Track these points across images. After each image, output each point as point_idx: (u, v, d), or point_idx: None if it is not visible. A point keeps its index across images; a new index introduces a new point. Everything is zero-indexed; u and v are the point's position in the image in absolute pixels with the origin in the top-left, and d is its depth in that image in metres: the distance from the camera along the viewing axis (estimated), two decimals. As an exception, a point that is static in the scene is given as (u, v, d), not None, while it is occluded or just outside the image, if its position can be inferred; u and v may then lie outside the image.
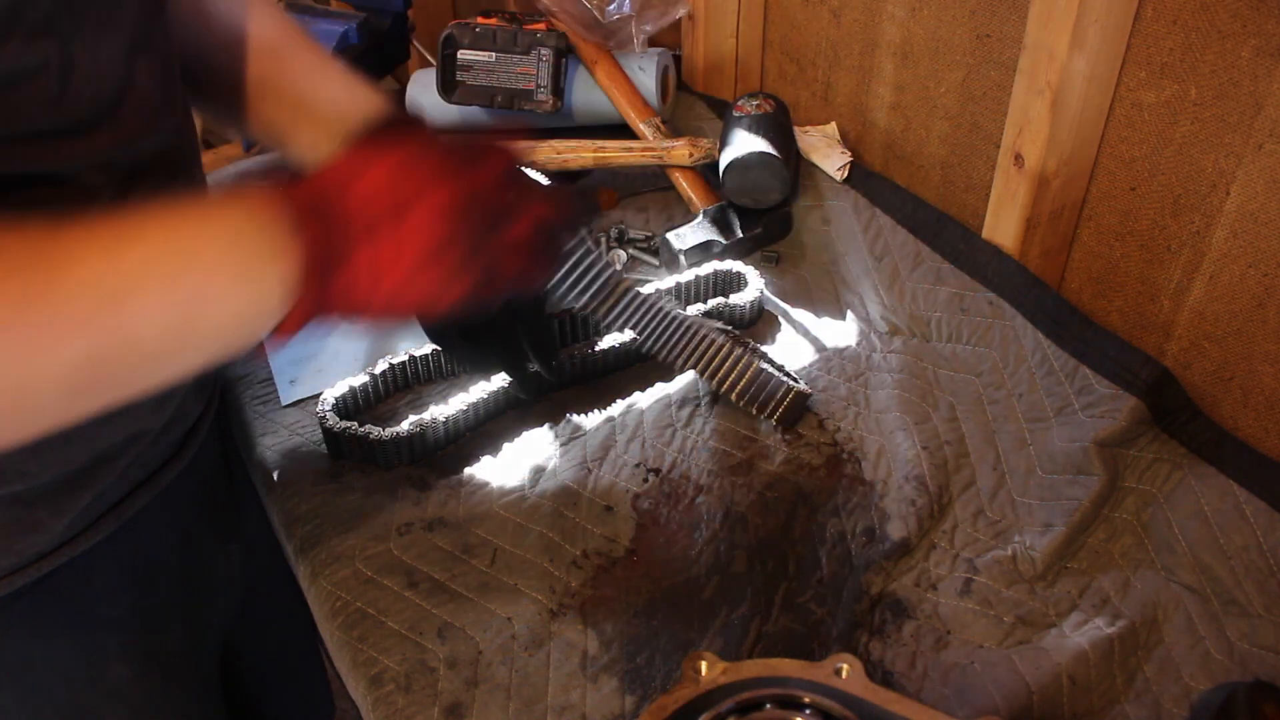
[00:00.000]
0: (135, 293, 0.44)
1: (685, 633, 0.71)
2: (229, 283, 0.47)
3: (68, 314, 0.42)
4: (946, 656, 0.69)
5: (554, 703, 0.67)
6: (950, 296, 0.94)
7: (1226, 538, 0.73)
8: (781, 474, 0.82)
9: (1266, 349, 0.79)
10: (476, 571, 0.75)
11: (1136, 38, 0.82)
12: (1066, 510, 0.76)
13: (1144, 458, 0.79)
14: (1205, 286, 0.83)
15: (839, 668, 0.57)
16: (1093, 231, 0.92)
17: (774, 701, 0.57)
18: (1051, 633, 0.70)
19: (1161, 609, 0.70)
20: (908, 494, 0.79)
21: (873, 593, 0.73)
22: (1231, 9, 0.74)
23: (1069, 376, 0.84)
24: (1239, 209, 0.78)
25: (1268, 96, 0.73)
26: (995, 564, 0.74)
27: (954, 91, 1.02)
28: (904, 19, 1.05)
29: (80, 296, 0.42)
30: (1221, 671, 0.66)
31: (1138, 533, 0.76)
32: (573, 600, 0.73)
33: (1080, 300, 0.93)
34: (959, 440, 0.84)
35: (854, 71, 1.15)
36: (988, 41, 0.96)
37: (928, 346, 0.92)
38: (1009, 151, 0.90)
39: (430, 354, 0.90)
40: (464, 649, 0.70)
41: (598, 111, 1.24)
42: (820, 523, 0.78)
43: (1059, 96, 0.83)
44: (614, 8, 1.19)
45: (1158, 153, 0.83)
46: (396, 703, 0.67)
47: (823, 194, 1.10)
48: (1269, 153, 0.75)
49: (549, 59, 1.17)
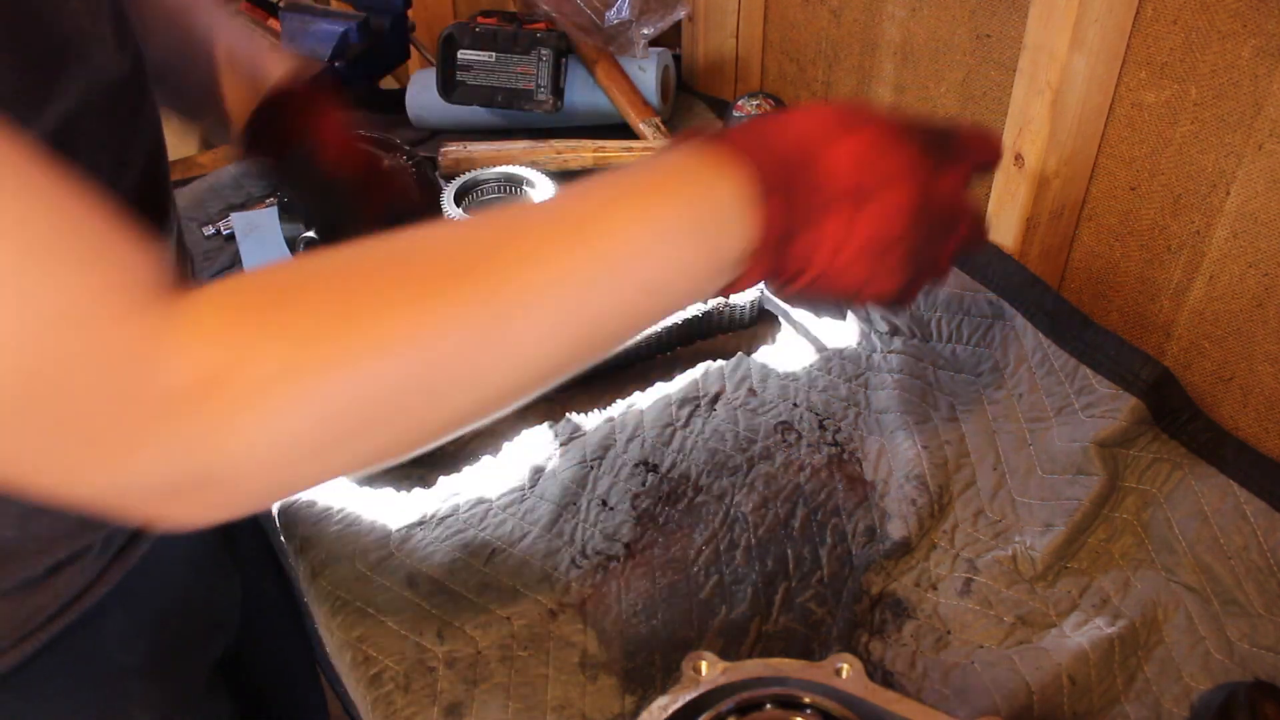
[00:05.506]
0: (599, 283, 0.42)
1: (685, 633, 0.71)
2: (693, 258, 0.45)
3: (541, 311, 0.41)
4: (946, 656, 0.69)
5: (553, 702, 0.67)
6: (950, 296, 0.94)
7: (1226, 538, 0.73)
8: (781, 474, 0.82)
9: (1266, 349, 0.79)
10: (476, 571, 0.75)
11: (1136, 38, 0.82)
12: (1066, 510, 0.76)
13: (1144, 458, 0.79)
14: (1205, 286, 0.83)
15: (839, 668, 0.57)
16: (1093, 231, 0.92)
17: (774, 701, 0.57)
18: (1051, 633, 0.70)
19: (1161, 609, 0.70)
20: (908, 493, 0.79)
21: (873, 593, 0.73)
22: (1231, 9, 0.74)
23: (1069, 376, 0.84)
24: (1239, 209, 0.78)
25: (1268, 96, 0.73)
26: (995, 564, 0.74)
27: (954, 91, 1.02)
28: (904, 19, 1.05)
29: (553, 290, 0.41)
30: (1221, 671, 0.66)
31: (1138, 533, 0.76)
32: (572, 600, 0.73)
33: (1080, 300, 0.93)
34: (959, 440, 0.83)
35: (854, 71, 1.15)
36: (988, 41, 0.96)
37: (928, 346, 0.92)
38: (1009, 151, 0.90)
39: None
40: (463, 649, 0.70)
41: (598, 111, 1.24)
42: (820, 523, 0.78)
43: (1059, 96, 0.83)
44: (613, 12, 1.19)
45: (1158, 153, 0.83)
46: (396, 702, 0.67)
47: (823, 194, 1.10)
48: (1269, 153, 0.75)
49: (549, 59, 1.17)
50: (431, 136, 1.29)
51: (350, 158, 0.78)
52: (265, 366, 0.37)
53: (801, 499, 0.80)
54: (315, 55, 1.26)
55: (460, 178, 0.98)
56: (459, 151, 1.15)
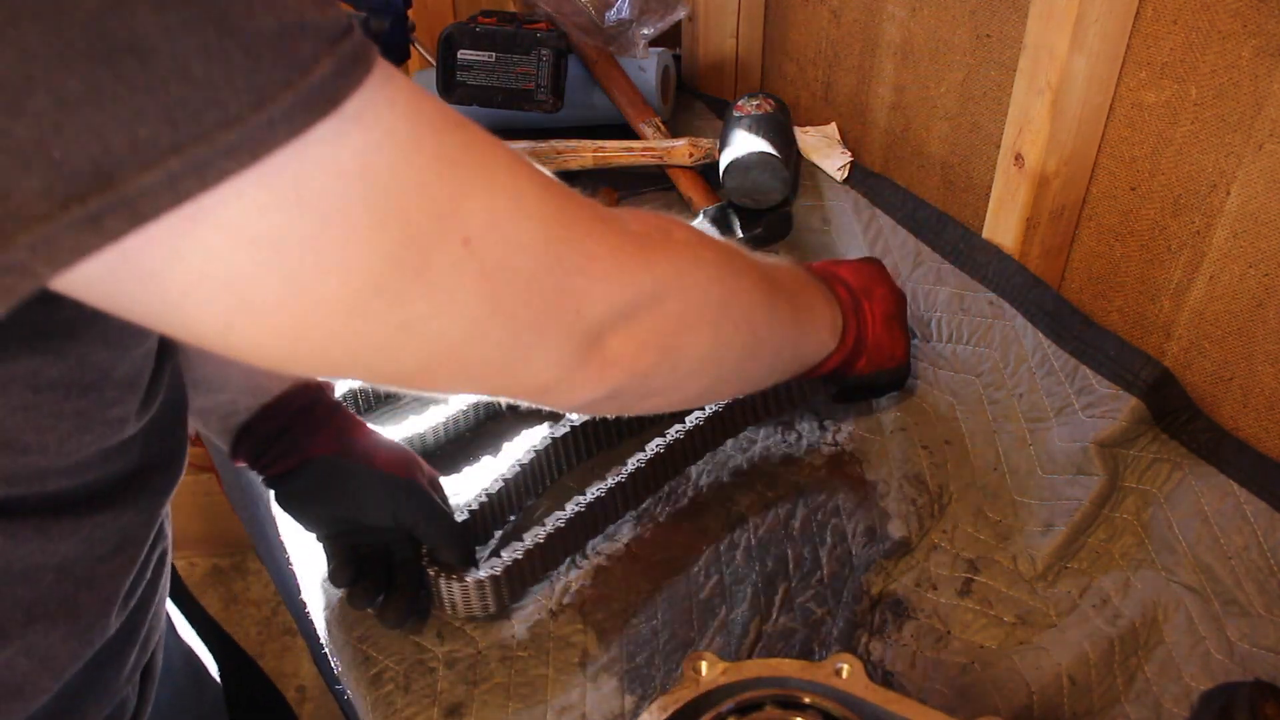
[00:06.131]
0: (807, 325, 0.70)
1: (685, 633, 0.71)
2: (826, 333, 0.73)
3: (791, 328, 0.68)
4: (946, 656, 0.69)
5: (554, 703, 0.67)
6: (950, 296, 0.94)
7: (1226, 538, 0.73)
8: (781, 474, 0.82)
9: (1266, 349, 0.79)
10: (476, 571, 0.75)
11: (1136, 38, 0.82)
12: (1066, 510, 0.76)
13: (1144, 458, 0.79)
14: (1205, 286, 0.83)
15: (839, 668, 0.57)
16: (1093, 231, 0.92)
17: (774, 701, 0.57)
18: (1051, 633, 0.70)
19: (1161, 609, 0.70)
20: (908, 493, 0.79)
21: (873, 593, 0.73)
22: (1231, 9, 0.74)
23: (1069, 376, 0.84)
24: (1239, 209, 0.78)
25: (1268, 96, 0.73)
26: (995, 564, 0.74)
27: (954, 91, 1.02)
28: (904, 19, 1.05)
29: (795, 320, 0.68)
30: (1221, 671, 0.66)
31: (1138, 533, 0.76)
32: (572, 600, 0.73)
33: (1080, 300, 0.93)
34: (959, 440, 0.83)
35: (854, 71, 1.15)
36: (988, 41, 0.96)
37: (928, 346, 0.92)
38: (1009, 151, 0.90)
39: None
40: (463, 649, 0.70)
41: (598, 112, 1.24)
42: (820, 523, 0.78)
43: (1059, 96, 0.83)
44: (613, 12, 1.19)
45: (1158, 153, 0.83)
46: (396, 703, 0.67)
47: (823, 194, 1.10)
48: (1269, 153, 0.75)
49: (549, 59, 1.17)
50: (431, 136, 1.29)
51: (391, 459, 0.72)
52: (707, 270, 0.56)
53: (801, 499, 0.80)
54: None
55: (460, 178, 0.98)
56: (459, 151, 1.15)
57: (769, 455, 0.83)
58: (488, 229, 0.41)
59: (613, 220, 0.50)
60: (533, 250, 0.43)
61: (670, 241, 0.53)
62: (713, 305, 0.56)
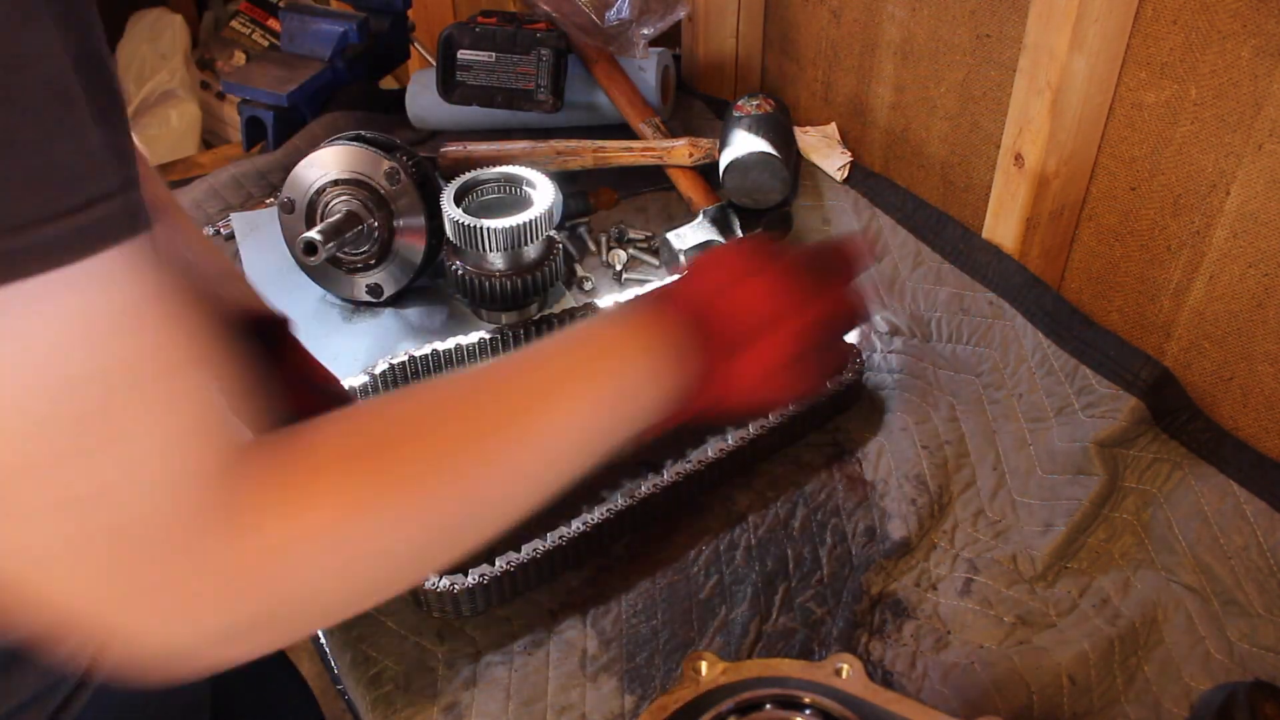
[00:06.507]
0: (569, 431, 0.52)
1: (685, 633, 0.71)
2: (630, 408, 0.53)
3: (528, 461, 0.52)
4: (946, 656, 0.69)
5: (554, 702, 0.67)
6: (950, 296, 0.94)
7: (1226, 538, 0.73)
8: (781, 474, 0.82)
9: (1266, 349, 0.79)
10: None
11: (1136, 38, 0.82)
12: (1066, 510, 0.76)
13: (1144, 458, 0.79)
14: (1205, 286, 0.83)
15: (839, 668, 0.57)
16: (1093, 231, 0.92)
17: (774, 701, 0.57)
18: (1051, 633, 0.70)
19: (1161, 609, 0.70)
20: (908, 493, 0.79)
21: (873, 593, 0.73)
22: (1231, 9, 0.74)
23: (1069, 376, 0.84)
24: (1239, 209, 0.78)
25: (1268, 96, 0.73)
26: (995, 564, 0.74)
27: (954, 91, 1.02)
28: (904, 19, 1.05)
29: (534, 444, 0.51)
30: (1221, 671, 0.66)
31: (1138, 533, 0.76)
32: (572, 600, 0.73)
33: (1080, 300, 0.93)
34: (959, 440, 0.84)
35: (854, 71, 1.15)
36: (988, 41, 0.96)
37: (928, 346, 0.92)
38: (1009, 151, 0.90)
39: (429, 354, 0.89)
40: (463, 649, 0.70)
41: (598, 111, 1.24)
42: (820, 523, 0.78)
43: (1059, 96, 0.83)
44: (613, 12, 1.19)
45: (1158, 153, 0.83)
46: (396, 702, 0.67)
47: (823, 194, 1.10)
48: (1269, 153, 0.75)
49: (549, 59, 1.17)
50: (431, 136, 1.29)
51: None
52: (328, 535, 0.42)
53: (801, 499, 0.80)
54: (315, 55, 1.26)
55: (460, 178, 0.98)
56: (459, 151, 1.15)
57: (769, 455, 0.83)
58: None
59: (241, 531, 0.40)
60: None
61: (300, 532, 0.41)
62: (354, 566, 0.44)
